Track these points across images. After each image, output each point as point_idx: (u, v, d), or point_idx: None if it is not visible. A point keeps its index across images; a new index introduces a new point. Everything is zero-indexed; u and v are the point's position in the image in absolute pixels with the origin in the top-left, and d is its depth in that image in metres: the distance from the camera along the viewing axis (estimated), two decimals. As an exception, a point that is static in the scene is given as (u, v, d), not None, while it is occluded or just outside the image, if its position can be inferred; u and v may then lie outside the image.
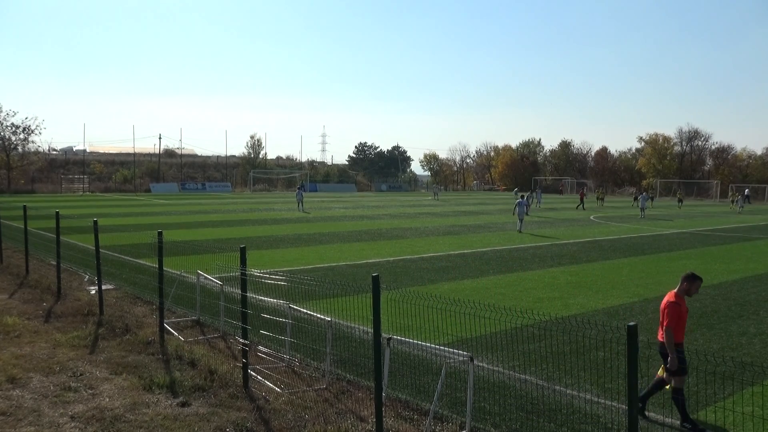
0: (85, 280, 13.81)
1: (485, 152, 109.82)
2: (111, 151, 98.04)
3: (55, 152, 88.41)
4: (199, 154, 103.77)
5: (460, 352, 6.16)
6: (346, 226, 28.77)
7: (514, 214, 28.93)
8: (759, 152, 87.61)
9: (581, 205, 46.12)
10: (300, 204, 40.93)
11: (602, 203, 50.92)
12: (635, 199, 49.14)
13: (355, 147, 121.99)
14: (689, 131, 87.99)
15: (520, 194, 35.37)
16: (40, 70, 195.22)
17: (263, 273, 9.82)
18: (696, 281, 6.45)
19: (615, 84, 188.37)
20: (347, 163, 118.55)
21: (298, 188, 46.79)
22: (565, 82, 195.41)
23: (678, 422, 6.17)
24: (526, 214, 29.29)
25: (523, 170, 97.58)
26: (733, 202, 53.21)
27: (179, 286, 11.65)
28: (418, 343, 6.69)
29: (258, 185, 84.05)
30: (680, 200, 53.84)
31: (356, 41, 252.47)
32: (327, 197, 64.52)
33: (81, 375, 7.60)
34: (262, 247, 19.94)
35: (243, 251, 7.55)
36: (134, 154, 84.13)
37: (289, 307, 8.35)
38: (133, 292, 12.58)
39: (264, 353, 8.39)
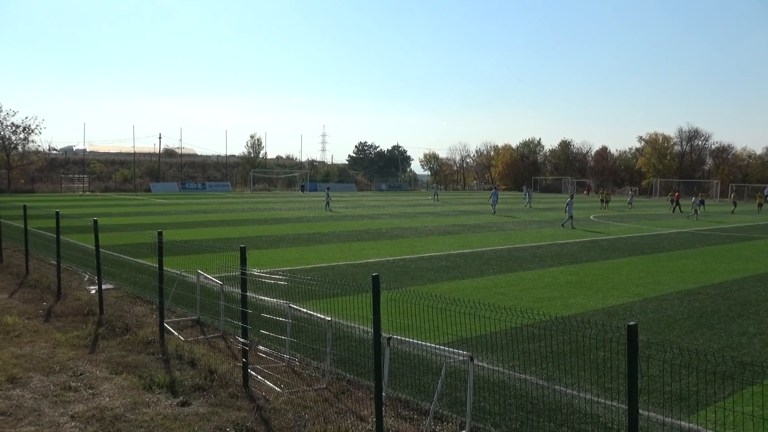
0: (85, 279, 13.81)
1: (485, 152, 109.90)
2: (111, 151, 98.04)
3: (55, 152, 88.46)
4: (199, 153, 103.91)
5: (460, 351, 6.16)
6: (346, 225, 28.77)
7: (567, 214, 29.45)
8: (759, 152, 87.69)
9: (678, 207, 43.43)
10: (328, 204, 41.87)
11: (606, 205, 47.31)
12: (673, 202, 45.80)
13: (355, 147, 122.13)
14: (689, 131, 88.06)
15: (569, 194, 35.70)
16: (40, 70, 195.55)
17: (263, 273, 9.82)
18: None
19: (615, 84, 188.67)
20: (347, 162, 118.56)
21: (327, 188, 49.44)
22: (565, 82, 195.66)
23: (678, 422, 6.16)
24: (569, 213, 29.43)
25: (523, 170, 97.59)
26: (760, 204, 48.95)
27: (179, 285, 11.65)
28: (418, 343, 6.69)
29: (258, 185, 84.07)
30: (735, 203, 48.74)
31: (356, 41, 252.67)
32: (324, 197, 64.37)
33: (81, 375, 7.60)
34: (262, 247, 19.94)
35: (243, 251, 7.55)
36: (134, 154, 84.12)
37: (289, 306, 8.35)
38: (133, 291, 12.57)
39: (264, 353, 8.39)
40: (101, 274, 10.94)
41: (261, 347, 8.56)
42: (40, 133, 78.66)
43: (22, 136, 69.11)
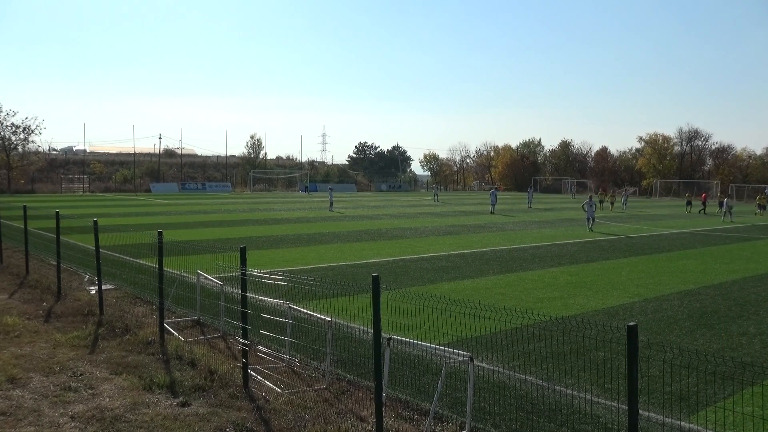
0: (85, 280, 13.81)
1: (485, 152, 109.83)
2: (111, 151, 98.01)
3: (55, 152, 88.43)
4: (199, 154, 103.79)
5: (460, 352, 6.16)
6: (346, 226, 28.76)
7: (587, 214, 28.97)
8: (759, 152, 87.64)
9: (703, 210, 43.04)
10: (331, 204, 42.07)
11: (612, 207, 46.02)
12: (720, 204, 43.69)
13: (355, 147, 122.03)
14: (689, 131, 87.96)
15: (588, 194, 35.54)
16: (40, 70, 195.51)
17: (263, 273, 9.82)
18: None
19: (615, 84, 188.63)
20: (347, 163, 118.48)
21: (330, 189, 49.64)
22: (565, 82, 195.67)
23: (678, 422, 6.16)
24: (590, 214, 28.99)
25: (523, 170, 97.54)
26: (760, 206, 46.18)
27: (179, 286, 11.65)
28: (418, 343, 6.69)
29: (258, 185, 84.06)
30: (762, 206, 44.52)
31: (356, 41, 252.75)
32: (327, 197, 64.42)
33: (81, 375, 7.60)
34: (262, 247, 19.94)
35: (243, 251, 7.55)
36: (134, 154, 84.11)
37: (289, 307, 8.35)
38: (133, 292, 12.57)
39: (264, 353, 8.38)
40: (101, 274, 10.93)
41: (261, 348, 8.55)
42: (40, 133, 78.91)
43: (22, 136, 69.12)
